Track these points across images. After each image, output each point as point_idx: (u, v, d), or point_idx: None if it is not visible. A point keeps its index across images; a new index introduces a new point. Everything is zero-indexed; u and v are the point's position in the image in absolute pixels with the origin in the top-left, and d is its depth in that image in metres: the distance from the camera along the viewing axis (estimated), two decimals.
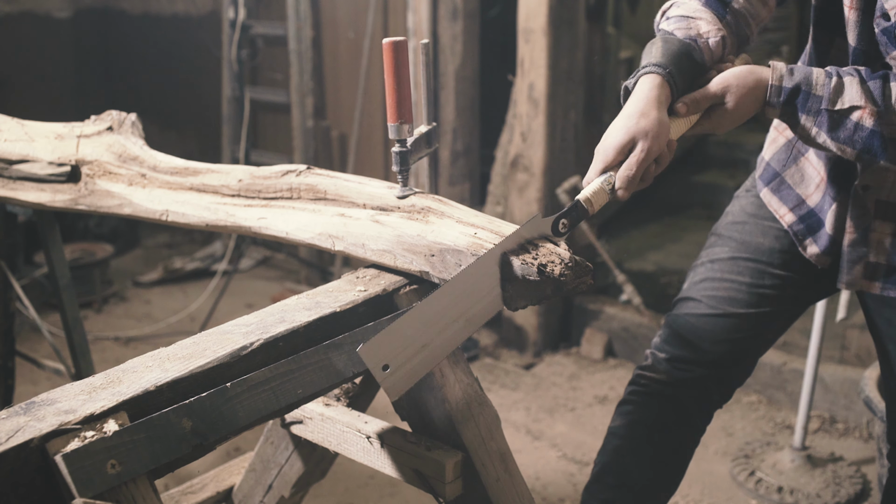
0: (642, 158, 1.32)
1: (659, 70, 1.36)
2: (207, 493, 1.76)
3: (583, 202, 1.31)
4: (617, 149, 1.33)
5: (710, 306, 1.68)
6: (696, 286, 1.72)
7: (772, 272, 1.66)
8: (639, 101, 1.35)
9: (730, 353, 1.69)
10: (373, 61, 4.08)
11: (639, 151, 1.32)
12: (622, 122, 1.34)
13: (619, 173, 1.33)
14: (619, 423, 1.77)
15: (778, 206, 1.65)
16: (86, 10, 5.12)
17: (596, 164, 1.34)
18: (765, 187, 1.68)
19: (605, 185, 1.33)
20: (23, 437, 0.95)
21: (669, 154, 1.36)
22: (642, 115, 1.33)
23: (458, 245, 1.24)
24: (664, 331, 1.74)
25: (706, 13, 1.45)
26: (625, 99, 1.41)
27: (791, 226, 1.63)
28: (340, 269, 4.25)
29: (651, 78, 1.36)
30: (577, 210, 1.29)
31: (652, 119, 1.32)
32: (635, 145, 1.32)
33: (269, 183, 1.52)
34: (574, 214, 1.29)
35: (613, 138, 1.33)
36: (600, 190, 1.32)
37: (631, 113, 1.34)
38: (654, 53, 1.39)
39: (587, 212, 1.30)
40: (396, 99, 1.33)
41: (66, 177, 1.81)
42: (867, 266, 1.53)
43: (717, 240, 1.74)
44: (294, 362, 1.16)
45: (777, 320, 1.71)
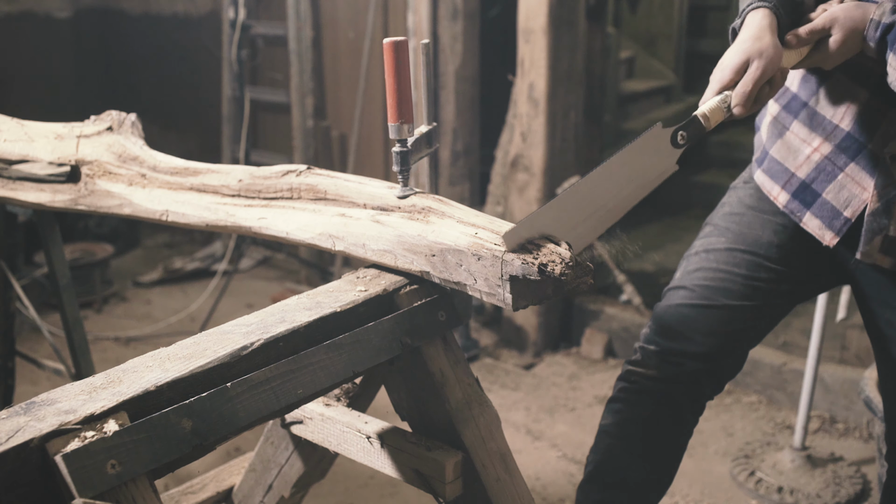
0: (758, 76, 1.37)
1: (766, 4, 1.42)
2: (207, 493, 1.76)
3: (700, 117, 1.37)
4: (734, 69, 1.39)
5: (703, 296, 1.67)
6: (689, 275, 1.71)
7: (768, 266, 1.65)
8: (752, 27, 1.41)
9: (721, 346, 1.68)
10: (373, 61, 4.08)
11: (754, 69, 1.38)
12: (738, 46, 1.40)
13: (736, 90, 1.39)
14: (611, 420, 1.76)
15: (771, 187, 1.64)
16: (86, 10, 5.12)
17: (712, 86, 1.41)
18: (759, 169, 1.67)
19: (722, 104, 1.39)
20: (23, 437, 0.95)
21: (781, 80, 1.42)
22: (756, 39, 1.39)
23: (458, 245, 1.24)
24: (653, 323, 1.72)
25: None
26: (733, 37, 1.47)
27: (786, 205, 1.61)
28: (341, 269, 4.25)
29: (760, 11, 1.43)
30: (694, 124, 1.36)
31: (766, 42, 1.39)
32: (750, 64, 1.38)
33: (270, 183, 1.51)
34: (692, 128, 1.36)
35: (730, 59, 1.40)
36: (717, 107, 1.39)
37: (745, 38, 1.41)
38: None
39: (704, 127, 1.37)
40: (396, 99, 1.33)
41: (65, 177, 1.81)
42: (886, 239, 1.51)
43: (713, 230, 1.72)
44: (294, 362, 1.16)
45: (769, 314, 1.70)
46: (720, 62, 1.42)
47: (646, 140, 1.32)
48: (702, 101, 1.41)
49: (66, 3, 5.00)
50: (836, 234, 1.56)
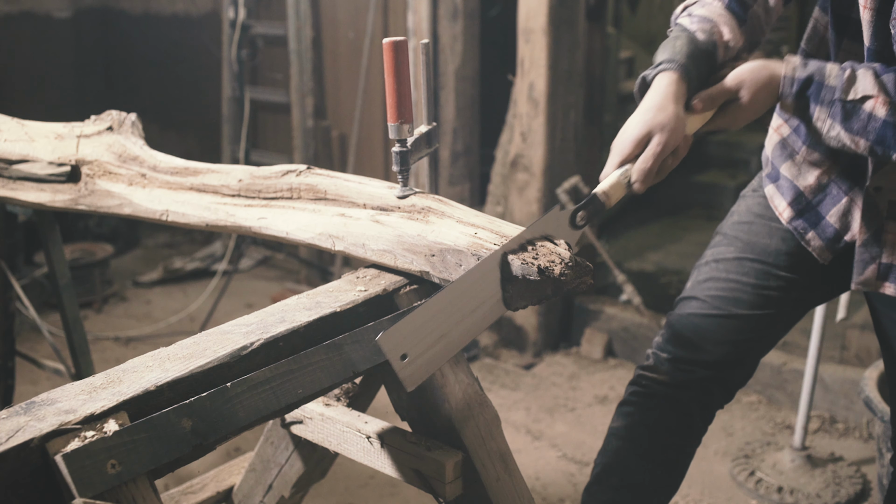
0: (659, 151, 1.33)
1: (677, 67, 1.38)
2: (207, 493, 1.76)
3: (599, 195, 1.32)
4: (634, 142, 1.34)
5: (714, 306, 1.67)
6: (699, 286, 1.71)
7: (777, 274, 1.65)
8: (656, 95, 1.37)
9: (732, 354, 1.68)
10: (373, 61, 4.08)
11: (655, 144, 1.33)
12: (639, 117, 1.36)
13: (636, 166, 1.34)
14: (620, 423, 1.77)
15: (778, 202, 1.65)
16: (86, 10, 5.12)
17: (613, 158, 1.36)
18: (771, 184, 1.68)
19: (622, 179, 1.34)
20: (23, 437, 0.95)
21: (685, 148, 1.38)
22: (659, 110, 1.35)
23: (458, 245, 1.24)
24: (666, 331, 1.73)
25: (729, 18, 1.46)
26: (641, 91, 1.42)
27: (790, 221, 1.62)
28: (340, 269, 4.25)
29: (669, 74, 1.38)
30: (594, 203, 1.31)
31: (669, 113, 1.34)
32: (652, 138, 1.34)
33: (269, 183, 1.51)
34: (591, 207, 1.30)
35: (631, 132, 1.35)
36: (617, 183, 1.34)
37: (648, 107, 1.36)
38: (676, 49, 1.41)
39: (604, 205, 1.32)
40: (396, 99, 1.33)
41: (66, 177, 1.81)
42: (880, 267, 1.52)
43: (723, 239, 1.73)
44: (294, 362, 1.15)
45: (780, 322, 1.70)
46: (622, 132, 1.37)
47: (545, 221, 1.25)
48: (602, 175, 1.36)
49: (66, 3, 5.00)
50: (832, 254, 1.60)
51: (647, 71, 1.42)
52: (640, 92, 1.42)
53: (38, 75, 4.91)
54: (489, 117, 4.12)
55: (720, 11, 1.47)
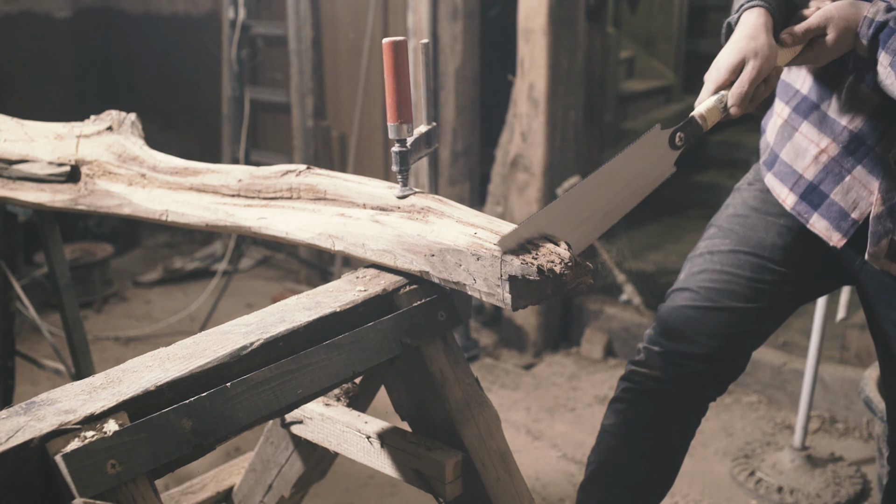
0: (754, 76, 1.38)
1: (762, 3, 1.43)
2: (207, 493, 1.76)
3: (697, 118, 1.37)
4: (729, 68, 1.39)
5: (707, 298, 1.67)
6: (693, 277, 1.71)
7: (772, 268, 1.65)
8: (747, 27, 1.42)
9: (725, 347, 1.68)
10: (373, 61, 4.08)
11: (750, 69, 1.38)
12: (733, 45, 1.41)
13: (733, 90, 1.39)
14: (613, 420, 1.76)
15: (780, 189, 1.64)
16: (86, 10, 5.12)
17: (708, 86, 1.41)
18: (769, 172, 1.68)
19: (718, 104, 1.39)
20: (23, 437, 0.95)
21: (776, 79, 1.44)
22: (751, 38, 1.40)
23: (458, 245, 1.24)
24: (657, 323, 1.72)
25: None
26: (726, 37, 1.47)
27: (794, 207, 1.62)
28: (340, 269, 4.25)
29: (756, 10, 1.43)
30: (691, 125, 1.36)
31: (761, 41, 1.39)
32: (746, 64, 1.39)
33: (269, 183, 1.52)
34: (689, 129, 1.36)
35: (726, 59, 1.40)
36: (714, 107, 1.39)
37: (740, 37, 1.41)
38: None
39: (701, 128, 1.37)
40: (396, 99, 1.33)
41: (65, 177, 1.81)
42: (892, 244, 1.51)
43: (717, 231, 1.73)
44: (294, 362, 1.16)
45: (772, 316, 1.70)
46: (716, 61, 1.42)
47: (644, 142, 1.32)
48: (697, 102, 1.41)
49: (66, 3, 5.00)
50: (843, 236, 1.56)
51: (731, 17, 1.46)
52: (727, 36, 1.47)
53: (38, 75, 4.91)
54: (489, 117, 4.12)
55: None
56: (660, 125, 1.34)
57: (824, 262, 1.64)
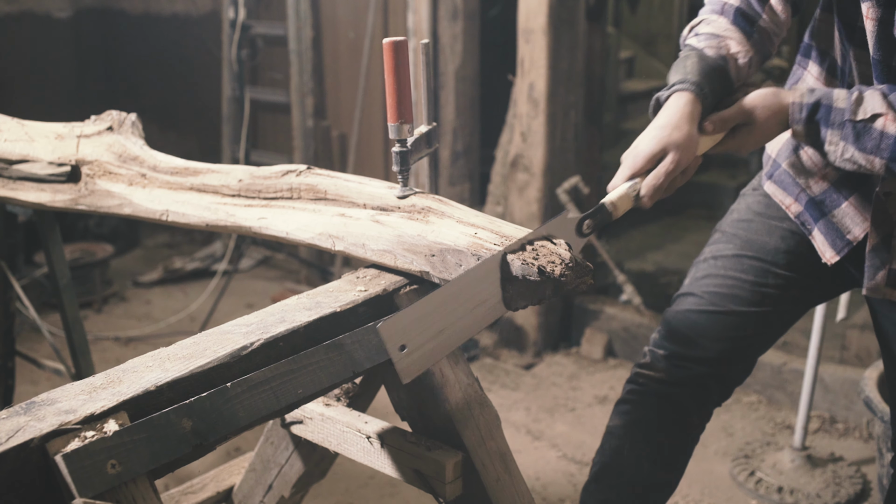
0: (671, 169, 1.35)
1: (693, 88, 1.40)
2: (207, 493, 1.76)
3: (607, 205, 1.33)
4: (647, 157, 1.36)
5: (712, 303, 1.67)
6: (698, 282, 1.71)
7: (776, 272, 1.65)
8: (672, 114, 1.38)
9: (730, 352, 1.68)
10: (373, 61, 4.08)
11: (668, 162, 1.35)
12: (654, 133, 1.37)
13: (647, 181, 1.36)
14: (618, 422, 1.77)
15: (783, 197, 1.65)
16: (86, 10, 5.12)
17: (623, 171, 1.38)
18: (769, 180, 1.68)
19: (631, 192, 1.36)
20: (23, 437, 0.95)
21: (694, 168, 1.41)
22: (675, 128, 1.37)
23: (458, 245, 1.24)
24: (663, 327, 1.73)
25: (736, 32, 1.48)
26: (654, 111, 1.44)
27: (798, 216, 1.62)
28: (340, 269, 4.25)
29: (685, 95, 1.40)
30: (601, 212, 1.32)
31: (684, 133, 1.36)
32: (665, 156, 1.36)
33: (270, 183, 1.51)
34: (599, 217, 1.32)
35: (645, 147, 1.37)
36: (626, 195, 1.35)
37: (664, 125, 1.38)
38: (688, 69, 1.43)
39: (611, 215, 1.33)
40: (396, 99, 1.33)
41: (66, 177, 1.81)
42: (890, 273, 1.52)
43: (722, 237, 1.73)
44: (294, 362, 1.15)
45: (778, 320, 1.70)
46: (634, 146, 1.39)
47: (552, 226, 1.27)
48: (610, 186, 1.38)
49: (66, 3, 5.00)
50: (836, 254, 1.58)
51: (660, 92, 1.44)
52: (654, 112, 1.44)
53: (38, 75, 4.91)
54: (489, 117, 4.12)
55: (726, 26, 1.49)
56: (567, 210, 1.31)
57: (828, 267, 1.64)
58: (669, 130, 1.36)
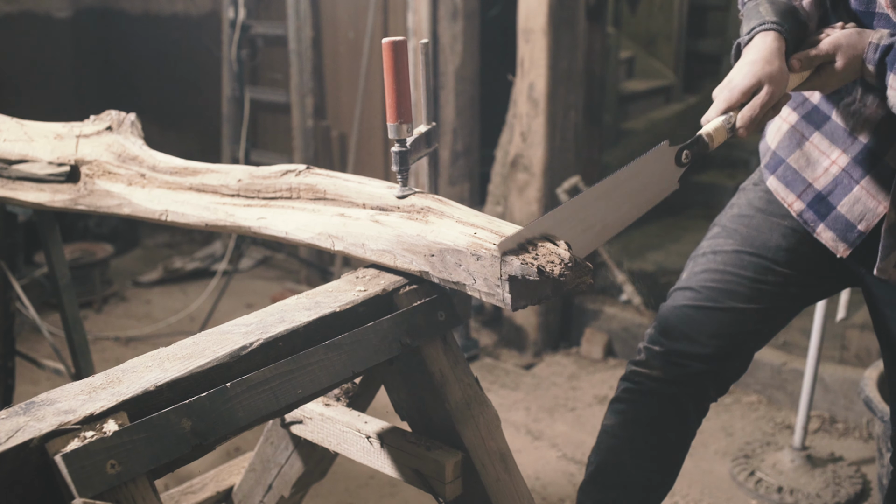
0: (767, 101, 1.39)
1: (776, 27, 1.44)
2: (207, 493, 1.76)
3: (704, 136, 1.38)
4: (743, 90, 1.40)
5: (709, 298, 1.66)
6: (695, 276, 1.70)
7: (775, 269, 1.65)
8: (761, 50, 1.42)
9: (726, 348, 1.67)
10: (373, 61, 4.08)
11: (764, 94, 1.39)
12: (748, 67, 1.41)
13: (743, 113, 1.40)
14: (613, 421, 1.76)
15: (786, 195, 1.64)
16: (86, 10, 5.12)
17: (718, 104, 1.42)
18: (771, 175, 1.67)
19: (726, 124, 1.40)
20: (23, 437, 0.95)
21: (783, 104, 1.44)
22: (767, 62, 1.40)
23: (457, 245, 1.24)
24: (659, 323, 1.72)
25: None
26: (736, 56, 1.48)
27: (800, 214, 1.62)
28: (340, 269, 4.25)
29: (770, 34, 1.44)
30: (698, 144, 1.37)
31: (776, 67, 1.40)
32: (760, 89, 1.40)
33: (269, 183, 1.51)
34: (696, 147, 1.37)
35: (741, 80, 1.41)
36: (721, 127, 1.40)
37: (756, 59, 1.41)
38: (763, 13, 1.47)
39: (708, 146, 1.38)
40: (396, 99, 1.33)
41: (65, 177, 1.81)
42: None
43: (721, 231, 1.72)
44: (294, 362, 1.15)
45: (776, 317, 1.70)
46: (728, 80, 1.42)
47: (651, 157, 1.33)
48: (704, 119, 1.42)
49: (66, 3, 5.00)
50: (849, 246, 1.57)
51: (740, 38, 1.47)
52: (736, 57, 1.48)
53: (37, 75, 4.91)
54: (489, 117, 4.12)
55: None
56: (668, 141, 1.36)
57: (829, 264, 1.63)
58: (762, 65, 1.40)
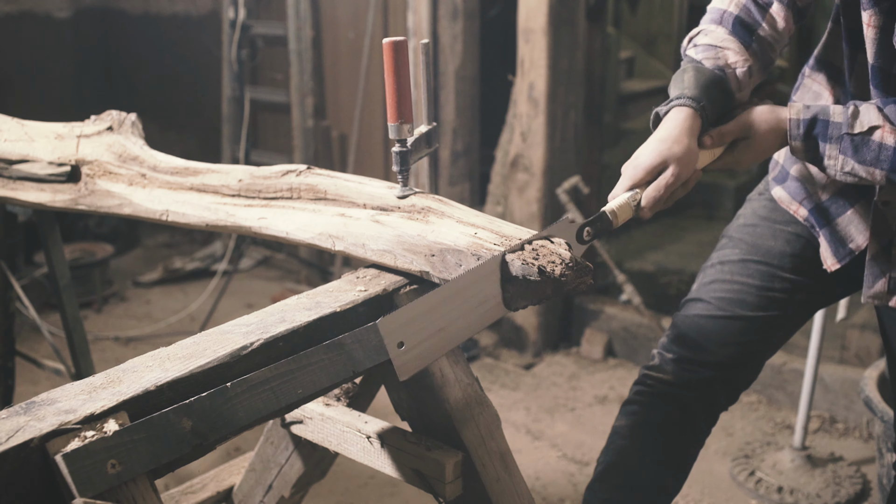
0: (671, 182, 1.37)
1: (692, 103, 1.42)
2: (207, 493, 1.76)
3: (608, 213, 1.34)
4: (647, 169, 1.38)
5: (719, 308, 1.68)
6: (705, 287, 1.72)
7: (782, 276, 1.66)
8: (672, 128, 1.40)
9: (737, 356, 1.69)
10: (373, 61, 4.08)
11: (669, 175, 1.37)
12: (655, 146, 1.39)
13: (647, 193, 1.38)
14: (625, 423, 1.77)
15: (789, 202, 1.65)
16: (86, 10, 5.12)
17: (623, 181, 1.39)
18: (778, 186, 1.69)
19: (632, 201, 1.37)
20: (23, 437, 0.95)
21: (694, 181, 1.43)
22: (675, 142, 1.38)
23: (458, 245, 1.24)
24: (672, 331, 1.74)
25: (734, 42, 1.49)
26: (654, 125, 1.45)
27: (806, 218, 1.63)
28: (340, 269, 4.25)
29: (683, 110, 1.42)
30: (601, 221, 1.33)
31: (684, 146, 1.38)
32: (666, 168, 1.38)
33: (269, 183, 1.52)
34: (599, 224, 1.32)
35: (645, 159, 1.38)
36: (626, 205, 1.37)
37: (664, 138, 1.39)
38: (685, 83, 1.44)
39: (611, 224, 1.34)
40: (396, 99, 1.33)
41: (65, 177, 1.81)
42: (890, 281, 1.53)
43: (728, 241, 1.74)
44: (294, 362, 1.15)
45: (785, 324, 1.71)
46: (635, 158, 1.40)
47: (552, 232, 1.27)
48: (611, 196, 1.39)
49: (66, 3, 5.00)
50: (838, 262, 1.59)
51: (659, 107, 1.45)
52: (654, 126, 1.46)
53: (38, 75, 4.91)
54: (489, 117, 4.12)
55: (724, 37, 1.50)
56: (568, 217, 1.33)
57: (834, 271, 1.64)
58: (669, 144, 1.38)
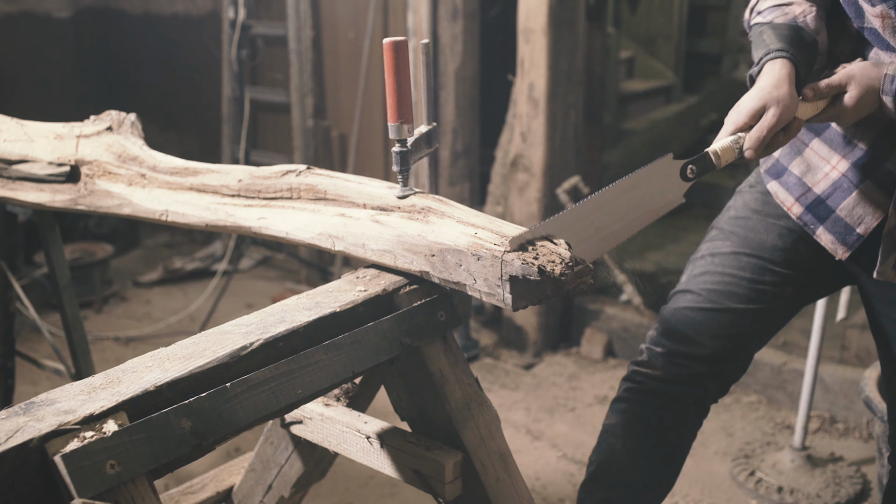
0: (773, 123, 1.40)
1: (783, 53, 1.46)
2: (207, 493, 1.76)
3: (711, 154, 1.39)
4: (749, 113, 1.42)
5: (709, 300, 1.67)
6: (694, 279, 1.71)
7: (773, 269, 1.65)
8: (770, 76, 1.44)
9: (727, 349, 1.68)
10: (373, 61, 4.08)
11: (770, 116, 1.41)
12: (755, 92, 1.44)
13: (750, 134, 1.42)
14: (615, 420, 1.76)
15: (785, 198, 1.65)
16: (86, 10, 5.12)
17: (726, 127, 1.44)
18: (773, 180, 1.68)
19: (734, 144, 1.42)
20: (22, 438, 0.95)
21: (796, 130, 1.45)
22: (775, 87, 1.42)
23: (458, 245, 1.24)
24: (660, 325, 1.73)
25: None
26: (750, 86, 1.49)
27: (800, 217, 1.63)
28: (340, 269, 4.25)
29: (779, 61, 1.46)
30: (704, 161, 1.39)
31: (784, 91, 1.42)
32: (767, 111, 1.41)
33: (269, 183, 1.51)
34: (701, 164, 1.38)
35: (747, 103, 1.43)
36: (729, 147, 1.41)
37: (764, 85, 1.44)
38: (767, 41, 1.49)
39: (714, 165, 1.39)
40: (396, 99, 1.33)
41: (65, 177, 1.81)
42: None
43: (719, 234, 1.73)
44: (294, 362, 1.15)
45: (774, 317, 1.71)
46: (737, 105, 1.44)
47: (655, 168, 1.34)
48: (716, 140, 1.43)
49: (66, 3, 5.00)
50: (848, 249, 1.58)
51: (753, 69, 1.49)
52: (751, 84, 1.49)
53: (38, 75, 4.91)
54: (489, 117, 4.12)
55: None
56: (672, 154, 1.37)
57: (826, 264, 1.64)
58: (769, 89, 1.42)
